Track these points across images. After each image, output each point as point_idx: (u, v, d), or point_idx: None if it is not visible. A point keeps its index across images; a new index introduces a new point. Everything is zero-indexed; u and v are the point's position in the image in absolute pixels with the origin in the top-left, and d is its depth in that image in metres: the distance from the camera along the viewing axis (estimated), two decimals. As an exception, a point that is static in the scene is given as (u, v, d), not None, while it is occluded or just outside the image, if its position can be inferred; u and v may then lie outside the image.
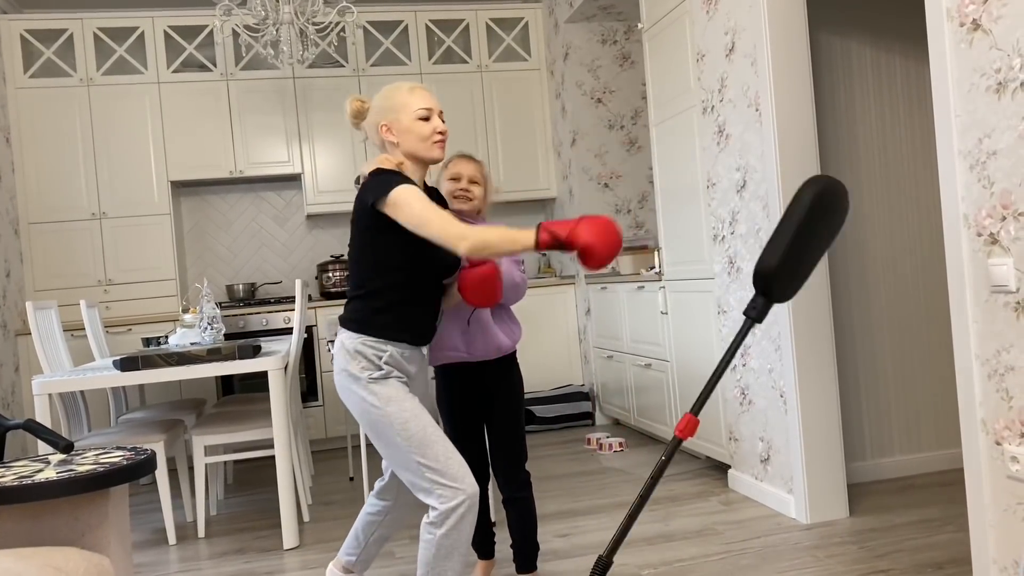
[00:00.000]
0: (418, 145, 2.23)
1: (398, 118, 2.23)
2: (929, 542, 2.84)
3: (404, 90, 2.26)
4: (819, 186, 2.01)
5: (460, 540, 2.14)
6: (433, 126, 2.23)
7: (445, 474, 2.13)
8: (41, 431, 2.13)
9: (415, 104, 2.22)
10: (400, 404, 2.17)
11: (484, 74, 5.81)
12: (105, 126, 5.31)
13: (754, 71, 3.25)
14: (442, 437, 2.18)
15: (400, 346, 2.23)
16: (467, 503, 2.12)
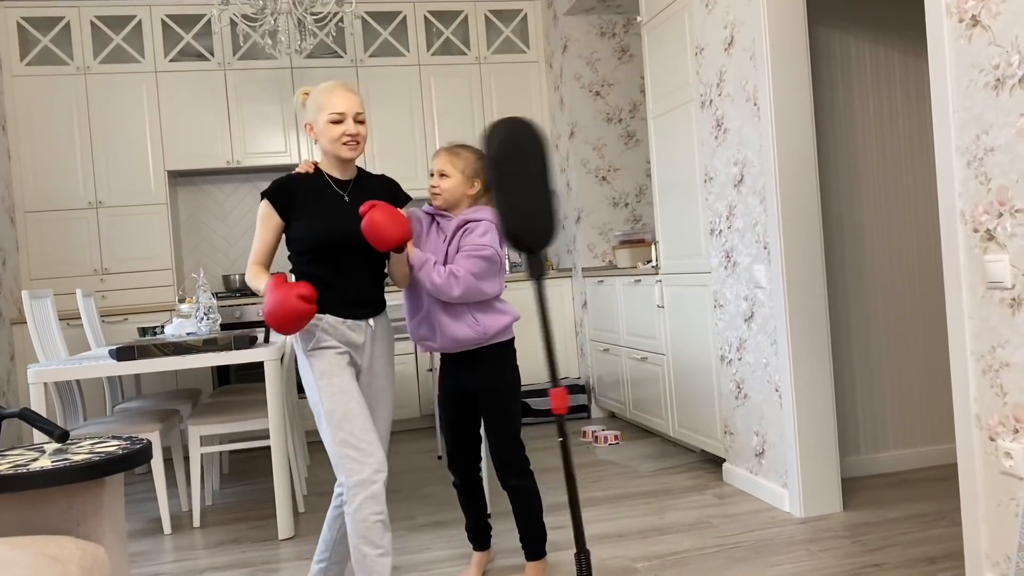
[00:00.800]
0: (329, 145, 2.40)
1: (317, 118, 2.40)
2: (922, 537, 2.85)
3: (324, 91, 2.40)
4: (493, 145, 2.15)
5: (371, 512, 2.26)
6: (343, 129, 2.37)
7: (356, 447, 2.27)
8: (36, 420, 2.12)
9: (330, 107, 2.37)
10: (330, 379, 2.33)
11: (483, 66, 5.80)
12: (102, 115, 5.29)
13: (753, 65, 3.25)
14: (363, 416, 2.31)
15: (334, 316, 2.38)
16: (373, 476, 2.26)
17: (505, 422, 2.63)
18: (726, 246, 3.56)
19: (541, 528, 2.69)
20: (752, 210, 3.34)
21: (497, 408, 2.63)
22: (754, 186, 3.31)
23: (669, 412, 4.31)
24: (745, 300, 3.44)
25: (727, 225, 3.54)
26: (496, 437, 2.63)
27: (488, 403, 2.63)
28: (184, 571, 3.07)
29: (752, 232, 3.35)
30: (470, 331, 2.55)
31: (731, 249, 3.52)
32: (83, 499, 1.93)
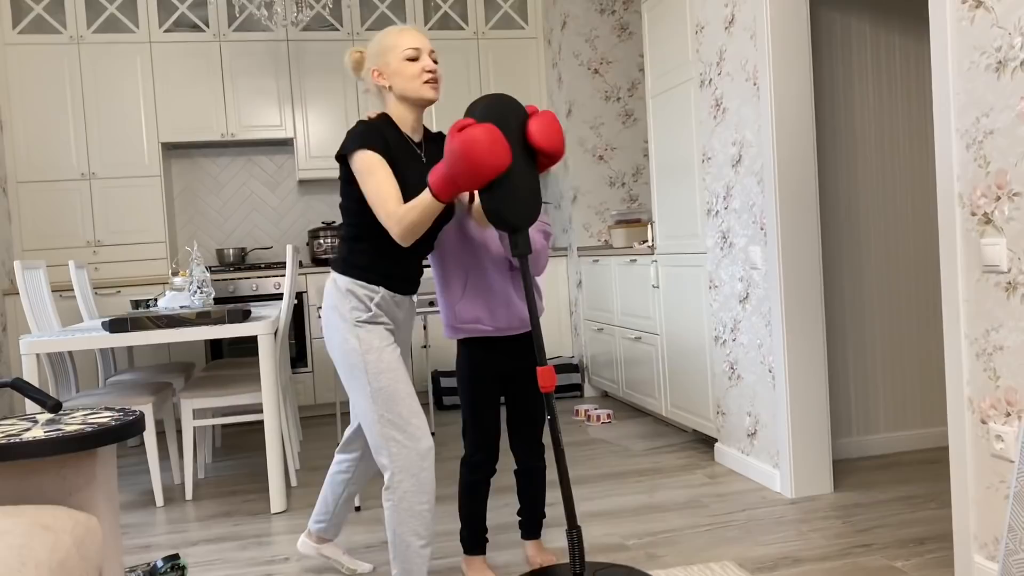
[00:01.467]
0: (407, 85, 2.20)
1: (387, 61, 2.21)
2: (912, 518, 2.87)
3: (393, 32, 2.23)
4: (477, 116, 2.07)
5: (420, 502, 2.15)
6: (422, 65, 2.20)
7: (404, 431, 2.15)
8: (28, 389, 2.11)
9: (403, 44, 2.20)
10: (379, 354, 2.19)
11: (480, 41, 5.76)
12: (95, 85, 5.24)
13: (753, 44, 3.23)
14: (410, 395, 2.19)
15: (389, 291, 2.25)
16: (421, 463, 2.15)
17: (542, 402, 2.57)
18: (722, 227, 3.55)
19: (544, 508, 2.69)
20: (749, 191, 3.33)
21: (536, 388, 2.56)
22: (752, 167, 3.30)
23: (662, 392, 4.32)
24: (740, 281, 3.44)
25: (724, 206, 3.53)
26: (535, 419, 2.58)
27: (529, 384, 2.55)
28: (176, 543, 3.08)
29: (749, 213, 3.34)
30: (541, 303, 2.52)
31: (727, 230, 3.52)
32: (76, 469, 1.92)
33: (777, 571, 2.49)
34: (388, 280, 2.25)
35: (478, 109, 2.11)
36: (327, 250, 5.50)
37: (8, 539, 1.54)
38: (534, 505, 2.65)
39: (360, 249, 2.24)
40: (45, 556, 1.56)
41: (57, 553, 1.60)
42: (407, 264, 2.29)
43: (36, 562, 1.52)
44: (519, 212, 2.14)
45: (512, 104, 2.17)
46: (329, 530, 2.60)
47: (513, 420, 2.60)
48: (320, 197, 5.91)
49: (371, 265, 2.24)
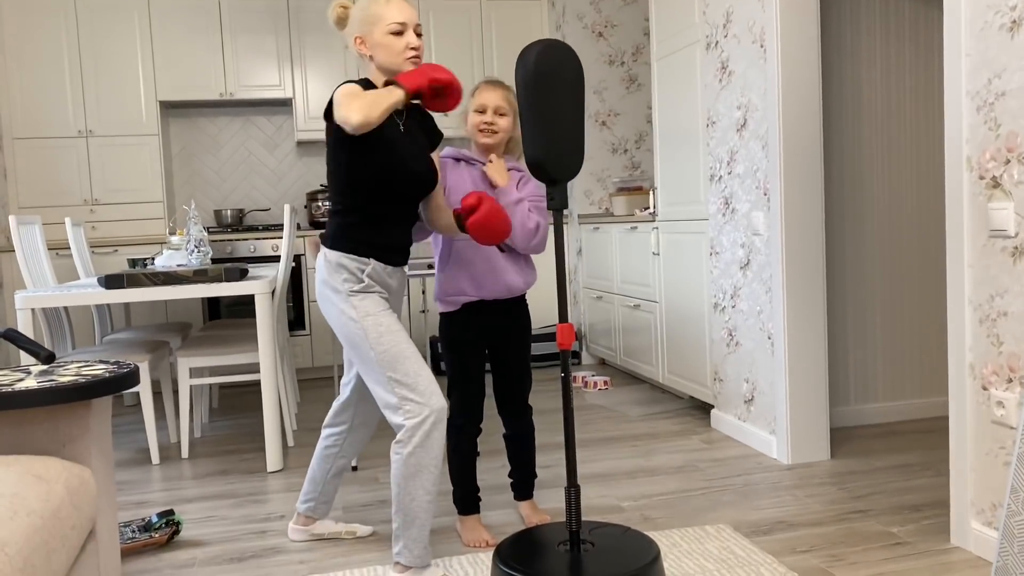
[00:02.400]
0: (389, 60, 2.17)
1: (371, 31, 2.17)
2: (908, 485, 2.87)
3: (380, 1, 2.17)
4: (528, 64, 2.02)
5: (428, 457, 2.14)
6: (406, 41, 2.16)
7: (414, 389, 2.13)
8: (22, 340, 2.09)
9: (389, 17, 2.15)
10: (377, 318, 2.18)
11: (484, 3, 5.67)
12: (93, 42, 5.17)
13: (760, 6, 3.17)
14: (415, 354, 2.18)
15: (379, 263, 2.23)
16: (433, 419, 2.13)
17: (528, 365, 2.63)
18: (725, 192, 3.52)
19: (535, 470, 2.71)
20: (754, 155, 3.29)
21: (523, 352, 2.61)
22: (757, 131, 3.26)
23: (659, 359, 4.31)
24: (742, 247, 3.41)
25: (727, 171, 3.49)
26: (521, 381, 2.61)
27: (518, 347, 2.59)
28: (172, 500, 3.07)
29: (752, 178, 3.30)
30: (519, 278, 2.52)
31: (730, 195, 3.48)
32: (69, 421, 1.91)
33: (772, 535, 2.49)
34: (377, 252, 2.23)
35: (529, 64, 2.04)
36: (325, 212, 5.44)
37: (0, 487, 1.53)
38: (525, 468, 2.67)
39: (348, 222, 2.22)
40: (38, 505, 1.54)
41: (50, 503, 1.59)
42: (395, 234, 2.27)
43: (28, 511, 1.50)
44: (561, 165, 2.09)
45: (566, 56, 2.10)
46: (318, 508, 2.58)
47: (498, 385, 2.61)
48: (319, 159, 5.86)
49: (360, 237, 2.22)
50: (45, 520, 1.53)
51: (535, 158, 2.06)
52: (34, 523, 1.49)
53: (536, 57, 2.03)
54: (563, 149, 2.08)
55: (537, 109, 2.04)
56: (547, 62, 2.04)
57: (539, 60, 2.03)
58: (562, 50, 2.08)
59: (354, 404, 2.50)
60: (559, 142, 2.06)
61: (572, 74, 2.09)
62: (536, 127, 2.04)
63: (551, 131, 2.05)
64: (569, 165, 2.10)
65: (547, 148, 2.05)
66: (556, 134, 2.06)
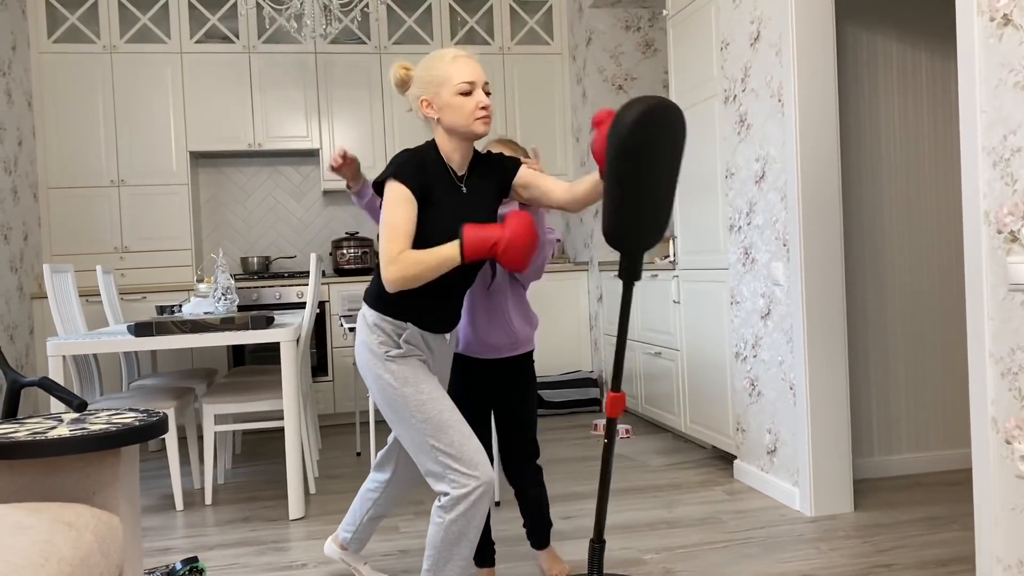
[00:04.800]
0: (459, 121, 2.09)
1: (439, 92, 2.09)
2: (933, 539, 2.84)
3: (446, 60, 2.09)
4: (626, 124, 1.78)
5: (470, 526, 2.09)
6: (476, 101, 2.08)
7: (460, 459, 2.07)
8: (56, 389, 2.15)
9: (457, 77, 2.07)
10: (417, 386, 2.11)
11: (506, 56, 5.80)
12: (126, 94, 5.33)
13: (779, 61, 3.23)
14: (460, 421, 2.11)
15: (418, 328, 2.17)
16: (481, 490, 2.06)
17: (532, 421, 2.55)
18: (745, 242, 3.55)
19: (548, 518, 2.67)
20: (772, 207, 3.32)
21: (526, 412, 2.53)
22: (775, 183, 3.29)
23: (681, 408, 4.30)
24: (762, 297, 3.43)
25: (747, 221, 3.53)
26: (518, 441, 2.53)
27: (518, 407, 2.52)
28: (195, 547, 3.09)
29: (772, 229, 3.33)
30: (506, 338, 2.43)
31: (750, 246, 3.51)
32: (99, 469, 1.95)
33: (796, 589, 2.47)
34: (417, 317, 2.15)
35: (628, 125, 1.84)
36: (350, 260, 5.53)
37: (32, 535, 1.56)
38: (537, 519, 2.63)
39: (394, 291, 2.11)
40: (68, 553, 1.58)
41: (79, 550, 1.62)
42: (440, 303, 2.18)
43: (59, 558, 1.54)
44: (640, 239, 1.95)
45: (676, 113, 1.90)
46: (353, 543, 2.60)
47: (501, 443, 2.56)
48: (344, 208, 5.96)
49: (400, 301, 2.14)
50: (75, 568, 1.56)
51: (612, 229, 1.87)
52: (64, 570, 1.52)
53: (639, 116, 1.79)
54: (646, 223, 1.89)
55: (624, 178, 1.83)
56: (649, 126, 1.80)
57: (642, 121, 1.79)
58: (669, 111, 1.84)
59: (396, 459, 2.48)
60: (643, 216, 1.87)
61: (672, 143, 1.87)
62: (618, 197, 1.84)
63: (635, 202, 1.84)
64: (649, 238, 1.93)
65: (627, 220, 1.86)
66: (641, 207, 1.86)
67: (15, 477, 1.90)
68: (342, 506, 3.52)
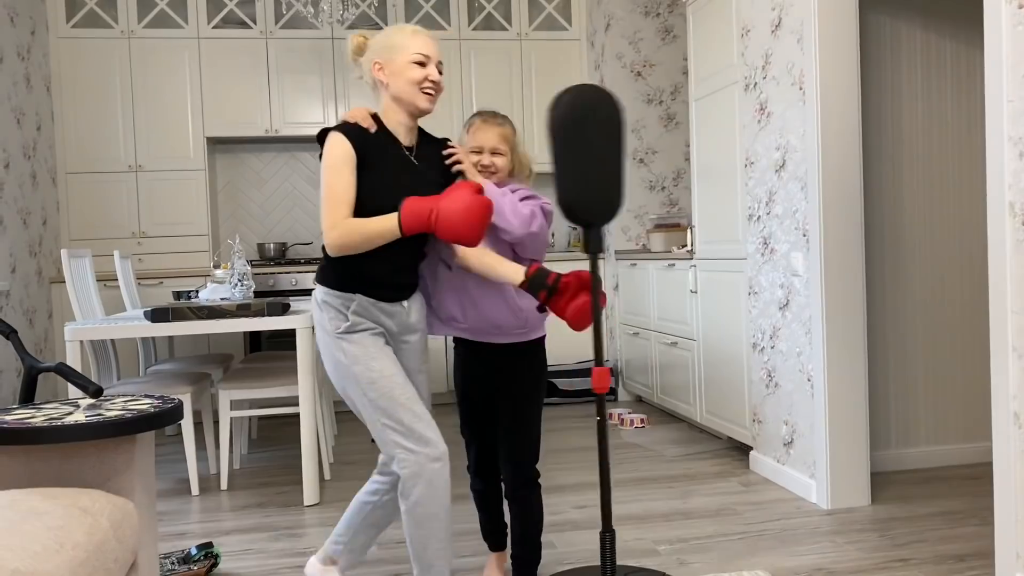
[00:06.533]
0: (406, 89, 2.12)
1: (392, 58, 2.13)
2: (951, 534, 2.81)
3: (407, 32, 2.16)
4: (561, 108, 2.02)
5: (435, 505, 2.07)
6: (426, 73, 2.12)
7: (409, 436, 2.07)
8: (72, 375, 2.16)
9: (413, 47, 2.12)
10: (368, 363, 2.10)
11: (523, 42, 5.76)
12: (144, 79, 5.34)
13: (800, 48, 3.18)
14: (411, 399, 2.10)
15: (368, 298, 2.13)
16: (435, 467, 2.06)
17: (532, 428, 2.37)
18: (764, 232, 3.51)
19: (537, 547, 2.43)
20: (792, 196, 3.28)
21: (526, 412, 2.36)
22: (796, 172, 3.25)
23: (697, 398, 4.28)
24: (781, 288, 3.40)
25: (766, 211, 3.49)
26: (517, 443, 2.36)
27: (514, 405, 2.36)
28: (210, 532, 3.11)
29: (791, 219, 3.30)
30: (511, 316, 2.27)
31: (769, 236, 3.47)
32: (115, 455, 1.95)
33: (811, 583, 2.45)
34: (365, 287, 2.13)
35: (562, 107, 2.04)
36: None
37: (47, 520, 1.57)
38: (518, 539, 2.41)
39: (334, 257, 2.11)
40: (83, 539, 1.58)
41: (94, 536, 1.63)
42: (388, 270, 2.14)
43: (74, 544, 1.54)
44: (593, 209, 2.05)
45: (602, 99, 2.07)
46: (344, 554, 2.36)
47: (499, 441, 2.41)
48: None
49: (345, 272, 2.12)
50: (90, 554, 1.57)
51: (564, 201, 2.04)
52: (79, 556, 1.53)
53: (568, 101, 2.02)
54: (595, 192, 2.04)
55: (566, 154, 2.01)
56: (579, 106, 2.02)
57: (571, 104, 2.02)
58: (596, 93, 2.06)
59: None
60: (590, 186, 2.03)
61: (606, 116, 2.05)
62: (565, 171, 2.02)
63: (581, 175, 2.02)
64: (603, 209, 2.06)
65: (576, 192, 2.03)
66: (587, 178, 2.02)
67: (31, 462, 1.90)
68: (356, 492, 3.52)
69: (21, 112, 4.79)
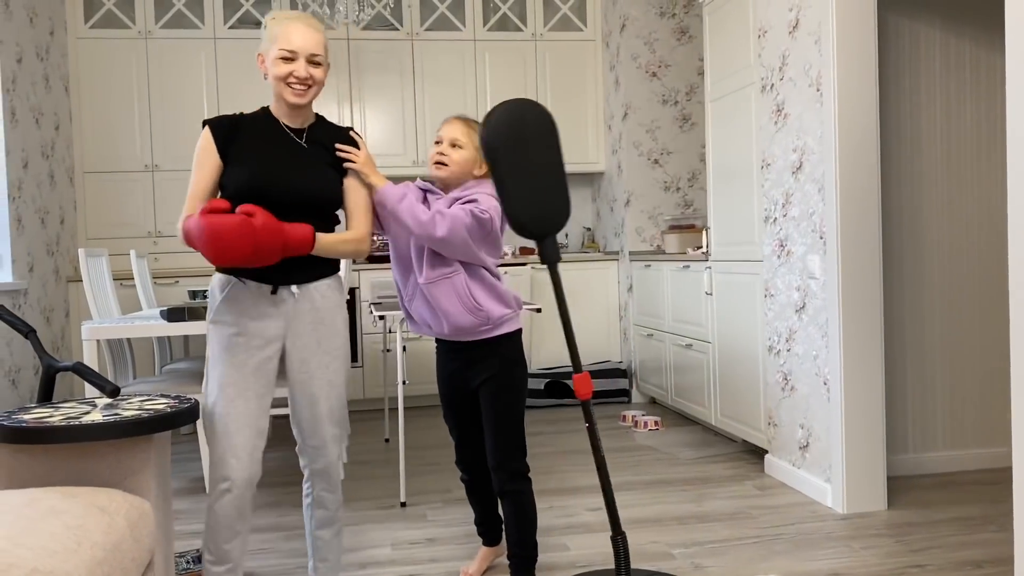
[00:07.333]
0: (275, 83, 2.10)
1: (268, 49, 2.10)
2: (969, 540, 2.78)
3: (283, 22, 2.09)
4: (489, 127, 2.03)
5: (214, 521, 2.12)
6: (291, 69, 2.07)
7: (213, 453, 2.11)
8: (89, 374, 2.17)
9: (282, 41, 2.07)
10: (216, 367, 2.11)
11: (538, 43, 5.75)
12: (161, 79, 5.37)
13: (818, 50, 3.16)
14: (224, 414, 2.08)
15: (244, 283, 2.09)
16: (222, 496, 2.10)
17: (509, 421, 2.36)
18: (780, 234, 3.49)
19: (532, 545, 2.40)
20: (809, 198, 3.26)
21: (501, 405, 2.35)
22: (813, 174, 3.23)
23: (712, 400, 4.26)
24: (797, 290, 3.38)
25: (782, 213, 3.47)
26: (496, 437, 2.35)
27: (490, 399, 2.36)
28: (225, 531, 3.12)
29: (808, 221, 3.28)
30: (470, 315, 2.27)
31: (785, 238, 3.45)
32: (131, 454, 1.96)
33: (827, 588, 2.44)
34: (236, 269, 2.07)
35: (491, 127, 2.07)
36: (380, 247, 5.53)
37: (65, 519, 1.58)
38: (513, 538, 2.38)
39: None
40: (100, 538, 1.59)
41: (112, 535, 1.64)
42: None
43: (91, 543, 1.55)
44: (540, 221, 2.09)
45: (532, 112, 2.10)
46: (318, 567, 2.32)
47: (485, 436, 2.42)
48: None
49: None
50: (107, 553, 1.58)
51: (513, 218, 2.06)
52: (96, 556, 1.53)
53: (497, 119, 2.04)
54: (541, 206, 2.07)
55: (506, 172, 2.03)
56: (505, 123, 2.04)
57: (501, 122, 2.04)
58: (523, 108, 2.08)
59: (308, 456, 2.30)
60: (535, 200, 2.06)
61: (538, 128, 2.09)
62: (508, 190, 2.04)
63: (524, 191, 2.04)
64: (551, 221, 2.09)
65: (523, 208, 2.05)
66: (530, 193, 2.05)
67: (49, 461, 1.92)
68: (371, 492, 3.53)
69: (40, 112, 4.82)
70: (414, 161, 5.65)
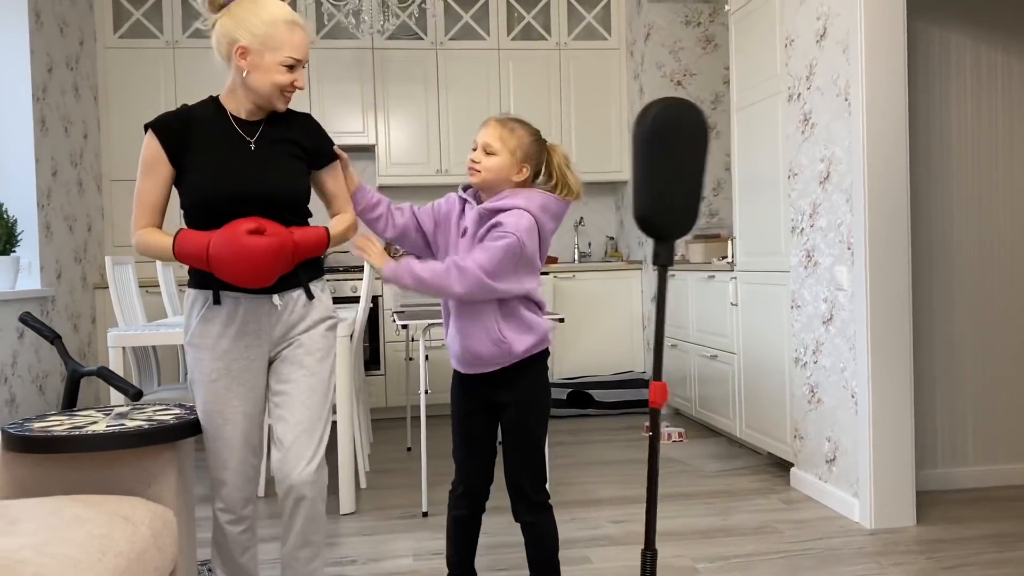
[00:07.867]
0: (267, 89, 2.00)
1: (263, 53, 1.98)
2: (1001, 558, 2.73)
3: (283, 26, 1.99)
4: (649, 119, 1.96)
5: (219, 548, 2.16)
6: (292, 79, 2.00)
7: (213, 479, 2.12)
8: (113, 378, 2.18)
9: (288, 50, 1.98)
10: (197, 392, 2.07)
11: (563, 52, 5.75)
12: (187, 88, 5.41)
13: (846, 59, 3.13)
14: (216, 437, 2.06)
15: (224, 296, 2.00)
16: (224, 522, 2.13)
17: (530, 447, 2.22)
18: (807, 245, 3.45)
19: (556, 570, 2.27)
20: (837, 209, 3.22)
21: (522, 431, 2.21)
22: (840, 184, 3.20)
23: (737, 412, 4.21)
24: (824, 302, 3.33)
25: (809, 224, 3.43)
26: (516, 464, 2.22)
27: (509, 428, 2.22)
28: (247, 539, 3.12)
29: (836, 232, 3.24)
30: (493, 347, 2.15)
31: (812, 248, 3.41)
32: (154, 462, 1.96)
33: (855, 605, 2.39)
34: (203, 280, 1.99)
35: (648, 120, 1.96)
36: (404, 255, 5.54)
37: (89, 528, 1.58)
38: (536, 567, 2.26)
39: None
40: (125, 547, 1.59)
41: (136, 544, 1.63)
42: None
43: (116, 552, 1.55)
44: (668, 222, 2.01)
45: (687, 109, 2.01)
46: None
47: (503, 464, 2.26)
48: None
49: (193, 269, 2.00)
50: (131, 562, 1.57)
51: (641, 212, 1.99)
52: (120, 565, 1.53)
53: (655, 115, 1.97)
54: (672, 206, 1.99)
55: (648, 165, 1.96)
56: (664, 119, 1.97)
57: (657, 116, 1.97)
58: (680, 108, 2.01)
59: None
60: (669, 199, 1.98)
61: (691, 132, 2.01)
62: (645, 183, 1.97)
63: (661, 189, 1.97)
64: (678, 223, 2.02)
65: (654, 204, 1.98)
66: (666, 192, 1.97)
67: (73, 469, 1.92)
68: (393, 501, 3.53)
69: (68, 121, 4.88)
70: (437, 170, 5.66)
